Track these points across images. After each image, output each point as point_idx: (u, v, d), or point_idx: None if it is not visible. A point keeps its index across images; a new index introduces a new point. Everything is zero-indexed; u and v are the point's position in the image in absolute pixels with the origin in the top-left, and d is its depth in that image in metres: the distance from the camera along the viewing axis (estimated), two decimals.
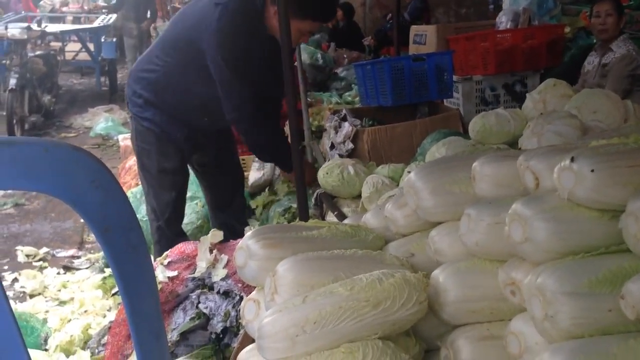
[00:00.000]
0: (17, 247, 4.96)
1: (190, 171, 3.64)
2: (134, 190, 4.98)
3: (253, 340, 1.54)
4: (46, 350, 3.26)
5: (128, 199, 1.23)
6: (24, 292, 4.16)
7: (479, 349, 1.44)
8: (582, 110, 2.34)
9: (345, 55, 7.68)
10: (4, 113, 7.94)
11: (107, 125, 8.44)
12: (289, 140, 3.05)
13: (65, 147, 1.08)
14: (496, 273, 1.46)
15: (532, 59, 4.54)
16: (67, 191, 1.08)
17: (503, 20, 5.49)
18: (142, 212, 4.61)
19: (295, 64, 4.29)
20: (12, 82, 7.83)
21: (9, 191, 6.17)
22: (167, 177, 3.42)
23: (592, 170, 1.25)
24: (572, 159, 1.28)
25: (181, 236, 3.43)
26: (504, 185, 1.54)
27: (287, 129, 3.37)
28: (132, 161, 5.93)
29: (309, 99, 5.10)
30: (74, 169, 1.08)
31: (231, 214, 3.61)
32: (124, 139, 6.69)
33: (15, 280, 4.37)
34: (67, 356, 3.13)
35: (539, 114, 2.40)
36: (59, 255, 4.91)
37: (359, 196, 2.96)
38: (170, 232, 3.48)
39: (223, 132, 3.51)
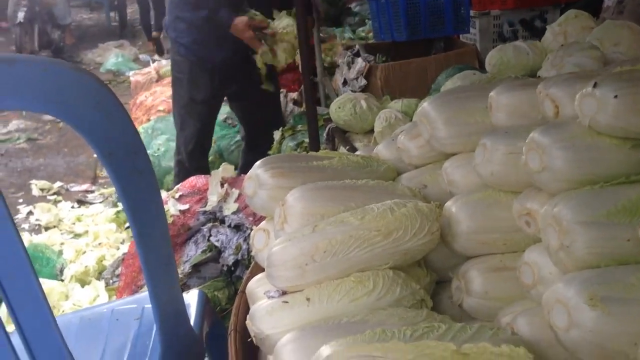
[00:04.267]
0: (31, 181, 5.00)
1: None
2: (145, 126, 4.97)
3: (263, 270, 1.53)
4: (62, 280, 3.32)
5: (133, 123, 1.20)
6: (39, 225, 4.22)
7: (492, 279, 1.42)
8: (604, 42, 2.25)
9: None
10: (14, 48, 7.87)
11: (118, 61, 8.37)
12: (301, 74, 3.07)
13: (65, 67, 1.04)
14: (510, 204, 1.43)
15: None
16: (69, 113, 1.05)
17: None
18: (153, 147, 4.61)
19: None
20: (21, 15, 7.75)
21: (22, 125, 6.19)
22: (195, 107, 3.47)
23: (615, 96, 1.19)
24: (595, 85, 1.23)
25: (202, 171, 3.44)
26: (522, 114, 1.49)
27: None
28: (142, 97, 5.90)
29: (321, 35, 4.98)
30: (75, 90, 1.04)
31: (260, 154, 3.60)
32: (135, 75, 6.65)
33: (30, 213, 4.42)
34: (82, 286, 3.19)
35: (559, 46, 2.32)
36: (72, 189, 4.95)
37: (371, 131, 2.92)
38: (191, 166, 3.52)
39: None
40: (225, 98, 3.74)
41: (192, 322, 1.62)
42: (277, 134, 3.62)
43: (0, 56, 1.00)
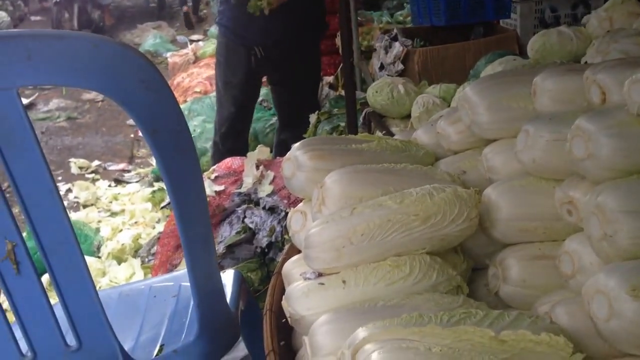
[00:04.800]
0: (70, 159, 5.10)
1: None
2: (182, 107, 5.02)
3: (299, 251, 1.54)
4: (99, 257, 3.39)
5: (177, 102, 1.22)
6: (77, 202, 4.31)
7: (530, 267, 1.40)
8: None
9: None
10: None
11: (156, 42, 8.45)
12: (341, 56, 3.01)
13: (114, 44, 1.05)
14: (551, 192, 1.41)
15: None
16: (115, 89, 1.06)
17: None
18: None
19: None
20: None
21: (62, 104, 6.30)
22: (229, 91, 3.48)
23: None
24: None
25: (236, 153, 3.46)
26: (567, 101, 1.46)
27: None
28: (179, 78, 5.95)
29: (359, 18, 4.95)
30: (123, 67, 1.06)
31: (294, 134, 3.60)
32: (172, 56, 6.71)
33: (69, 190, 4.52)
34: (119, 263, 3.25)
35: (604, 32, 2.26)
36: (110, 168, 5.04)
37: (408, 116, 2.90)
38: (224, 147, 3.54)
39: (302, 48, 3.44)
40: (264, 80, 3.72)
41: (227, 301, 1.64)
42: (312, 118, 3.62)
43: (48, 32, 1.02)
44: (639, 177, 1.20)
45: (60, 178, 4.83)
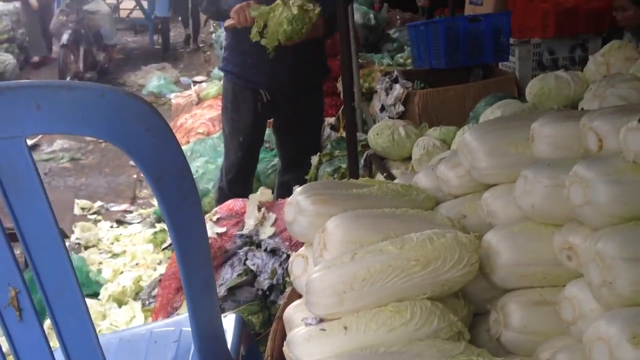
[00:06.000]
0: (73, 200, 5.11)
1: None
2: (184, 148, 5.06)
3: (300, 296, 1.55)
4: (99, 299, 3.38)
5: (181, 148, 1.24)
6: (79, 244, 4.30)
7: (531, 313, 1.40)
8: None
9: (398, 16, 7.53)
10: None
11: (160, 84, 8.55)
12: (342, 98, 3.02)
13: (121, 93, 1.08)
14: (551, 237, 1.42)
15: (595, 21, 4.34)
16: (121, 137, 1.08)
17: None
18: (191, 169, 4.69)
19: None
20: (65, 37, 7.95)
21: (66, 145, 6.35)
22: (236, 136, 3.49)
23: None
24: None
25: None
26: (564, 147, 1.48)
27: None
28: (182, 119, 6.02)
29: (360, 60, 5.03)
30: (129, 115, 1.08)
31: (295, 176, 3.61)
32: (176, 97, 6.79)
33: (72, 232, 4.51)
34: (119, 306, 3.24)
35: (601, 77, 2.30)
36: (112, 209, 5.05)
37: (409, 158, 2.92)
38: (231, 192, 3.53)
39: (306, 92, 3.46)
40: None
41: (229, 346, 1.63)
42: (314, 159, 3.64)
43: (58, 82, 1.05)
44: (636, 223, 1.21)
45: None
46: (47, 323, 1.36)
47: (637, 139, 1.21)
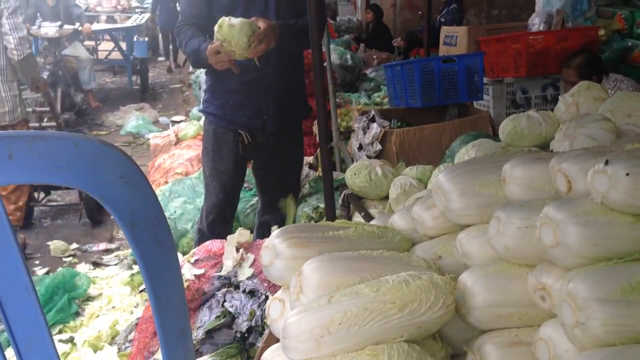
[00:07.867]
0: (48, 242, 5.04)
1: None
2: (163, 189, 5.04)
3: (278, 340, 1.54)
4: (74, 344, 3.31)
5: (156, 195, 1.23)
6: None
7: (507, 354, 1.41)
8: (616, 113, 2.28)
9: (374, 56, 7.66)
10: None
11: (138, 124, 8.54)
12: (318, 139, 3.03)
13: (95, 142, 1.08)
14: (525, 278, 1.43)
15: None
16: (95, 185, 1.08)
17: (536, 22, 5.42)
18: (170, 210, 4.66)
19: (325, 64, 4.29)
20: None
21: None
22: (217, 178, 3.46)
23: (627, 174, 1.21)
24: (607, 162, 1.25)
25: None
26: (535, 188, 1.51)
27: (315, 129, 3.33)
28: (161, 159, 6.00)
29: (337, 100, 5.09)
30: (103, 163, 1.08)
31: (275, 216, 3.59)
32: (154, 137, 6.78)
33: (47, 274, 4.44)
34: (95, 351, 3.17)
35: (571, 117, 2.36)
36: (90, 250, 4.99)
37: (387, 197, 2.94)
38: (212, 234, 3.48)
39: (288, 132, 3.46)
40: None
41: None
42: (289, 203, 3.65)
43: (34, 133, 1.05)
44: (607, 264, 1.23)
45: (37, 262, 4.77)
46: None
47: (604, 182, 1.24)
